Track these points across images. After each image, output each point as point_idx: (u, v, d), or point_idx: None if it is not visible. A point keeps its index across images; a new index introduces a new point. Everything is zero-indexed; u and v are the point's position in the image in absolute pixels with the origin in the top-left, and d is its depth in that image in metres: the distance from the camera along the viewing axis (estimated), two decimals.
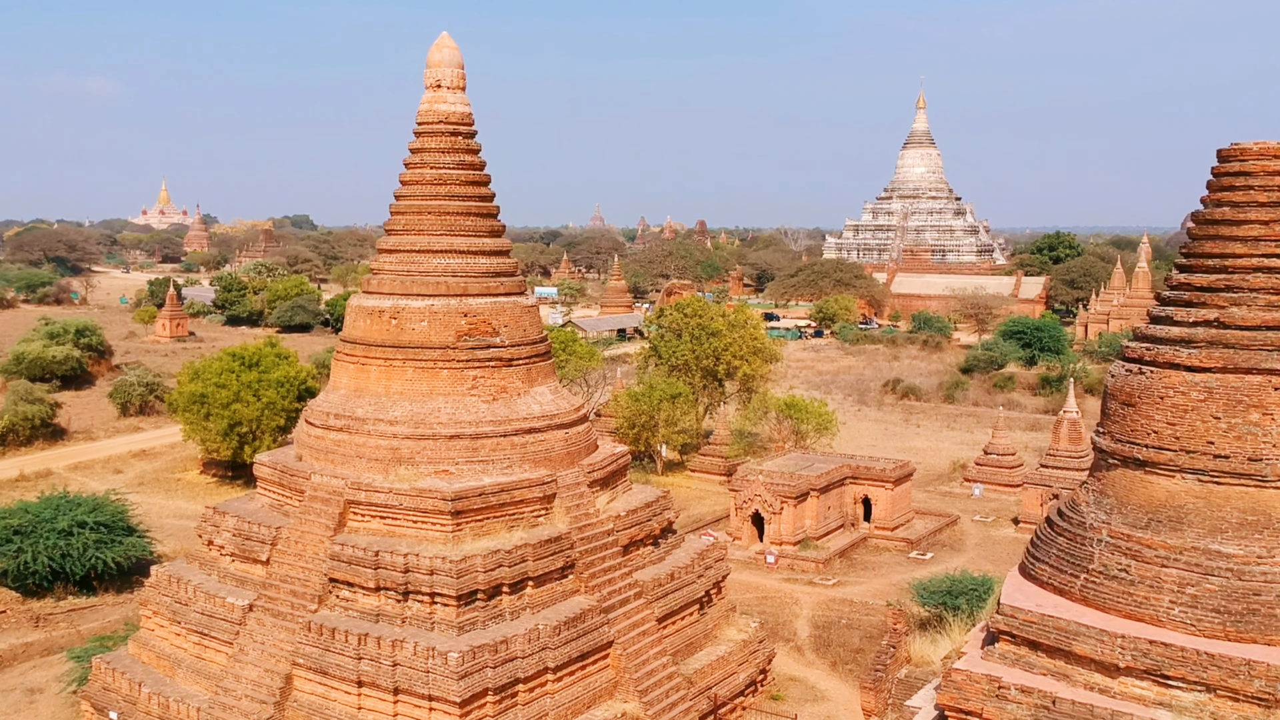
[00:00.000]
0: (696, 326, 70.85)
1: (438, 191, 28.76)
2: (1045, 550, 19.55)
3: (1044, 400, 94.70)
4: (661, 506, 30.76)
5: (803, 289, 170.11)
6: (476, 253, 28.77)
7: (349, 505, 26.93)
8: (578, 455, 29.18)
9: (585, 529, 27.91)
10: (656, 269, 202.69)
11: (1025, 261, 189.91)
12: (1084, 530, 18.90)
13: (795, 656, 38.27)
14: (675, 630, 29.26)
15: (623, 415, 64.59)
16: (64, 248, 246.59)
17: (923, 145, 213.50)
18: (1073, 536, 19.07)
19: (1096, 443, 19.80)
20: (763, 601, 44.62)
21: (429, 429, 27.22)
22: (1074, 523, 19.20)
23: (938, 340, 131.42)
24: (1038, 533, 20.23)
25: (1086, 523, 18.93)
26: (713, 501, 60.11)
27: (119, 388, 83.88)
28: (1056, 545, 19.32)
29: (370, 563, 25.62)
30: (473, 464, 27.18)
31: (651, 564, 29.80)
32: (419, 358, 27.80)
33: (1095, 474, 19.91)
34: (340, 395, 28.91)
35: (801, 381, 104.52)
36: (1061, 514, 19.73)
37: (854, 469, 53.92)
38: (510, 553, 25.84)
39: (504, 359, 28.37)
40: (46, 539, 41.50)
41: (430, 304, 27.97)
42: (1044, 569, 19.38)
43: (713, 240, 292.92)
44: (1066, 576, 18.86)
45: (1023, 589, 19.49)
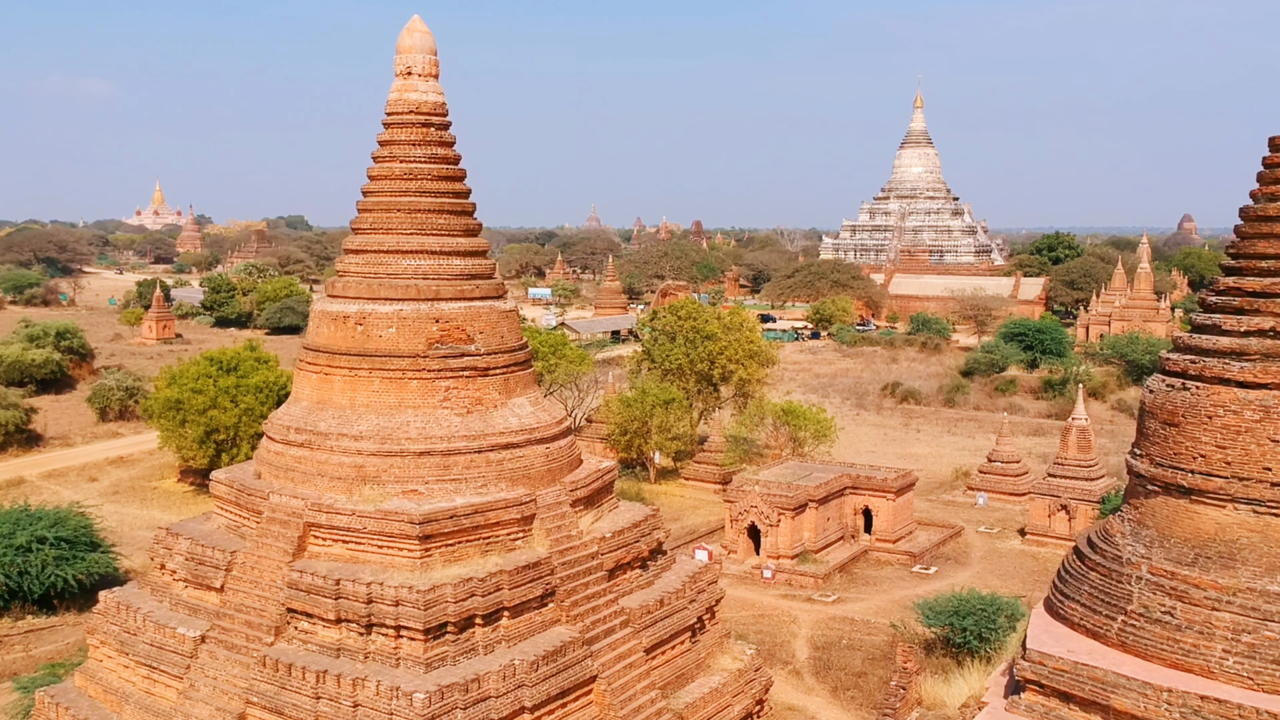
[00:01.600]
0: (691, 329, 68.71)
1: (408, 187, 26.60)
2: (1075, 586, 17.44)
3: (1047, 404, 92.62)
4: (650, 526, 28.58)
5: (799, 290, 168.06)
6: (450, 253, 26.60)
7: (309, 528, 24.76)
8: (560, 472, 27.01)
9: (567, 553, 25.74)
10: (652, 270, 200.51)
11: (1024, 262, 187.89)
12: (1120, 565, 16.80)
13: (794, 681, 36.12)
14: (665, 661, 27.09)
15: (614, 421, 62.45)
16: (55, 248, 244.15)
17: (920, 145, 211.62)
18: (1107, 572, 16.96)
19: (1133, 466, 17.72)
20: (759, 620, 42.48)
21: (397, 445, 25.04)
22: (1108, 556, 17.10)
23: (937, 342, 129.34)
24: (1066, 566, 18.13)
25: (1123, 557, 16.82)
26: (707, 511, 57.96)
27: (97, 392, 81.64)
28: (1088, 582, 17.21)
29: (330, 592, 23.44)
30: (444, 483, 25.00)
31: (639, 589, 27.62)
32: (387, 367, 25.63)
33: (1132, 501, 17.79)
34: (302, 408, 26.73)
35: (798, 385, 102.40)
36: (1093, 545, 17.62)
37: (854, 479, 51.78)
38: (484, 581, 23.66)
39: (479, 368, 26.20)
40: (3, 556, 39.33)
41: (399, 309, 25.80)
42: (1074, 608, 17.26)
43: (709, 241, 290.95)
44: (1101, 618, 16.76)
45: (1051, 630, 17.36)
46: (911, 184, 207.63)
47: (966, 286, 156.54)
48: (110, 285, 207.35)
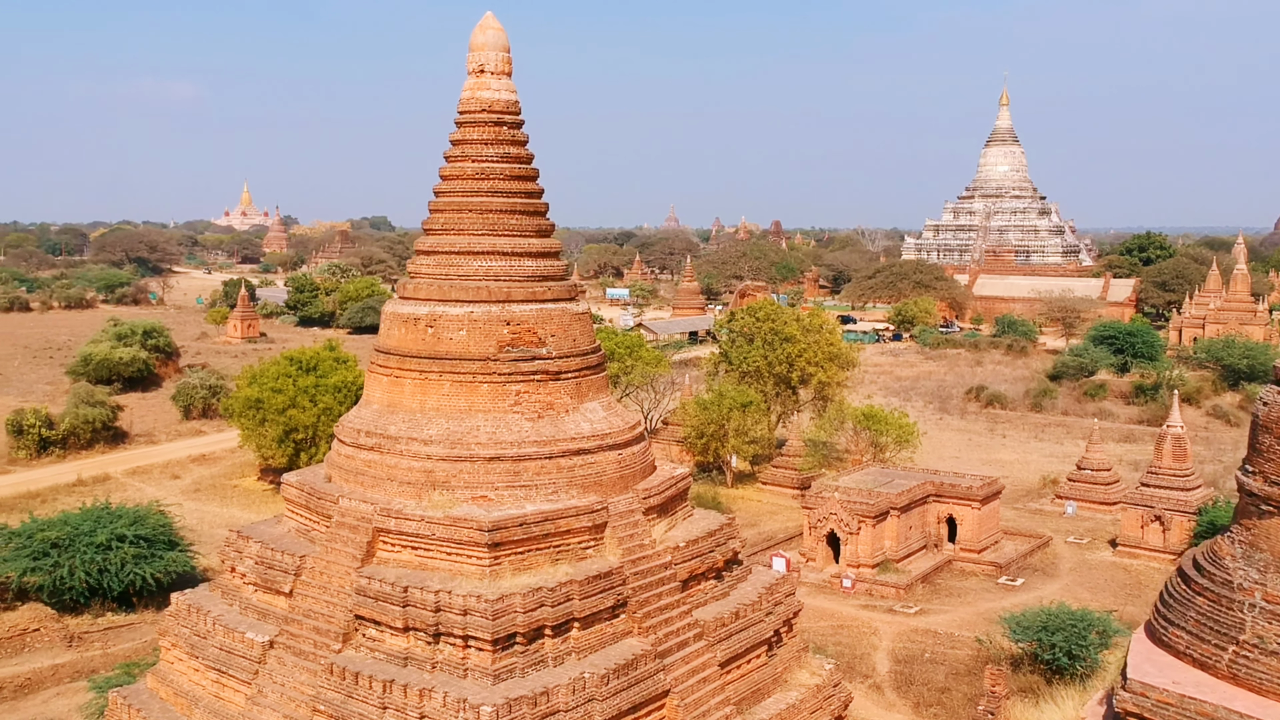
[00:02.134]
0: (769, 331, 67.62)
1: (480, 187, 26.06)
2: (1180, 612, 16.25)
3: (1138, 410, 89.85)
4: (726, 535, 27.72)
5: (880, 291, 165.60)
6: (521, 254, 26.01)
7: (378, 533, 24.34)
8: (632, 479, 26.28)
9: (639, 562, 25.00)
10: (730, 270, 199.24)
11: (1114, 263, 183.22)
12: (1231, 591, 15.61)
13: (874, 697, 35.01)
14: (740, 675, 26.21)
15: (691, 424, 61.67)
16: (145, 248, 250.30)
17: (1006, 143, 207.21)
18: (1216, 598, 15.77)
19: (1244, 484, 16.49)
20: (838, 631, 41.40)
21: (466, 450, 24.51)
22: (1217, 581, 15.89)
23: (1023, 345, 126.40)
24: (1169, 589, 16.94)
25: (1234, 582, 15.62)
26: (785, 517, 56.90)
27: (181, 390, 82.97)
28: (1195, 608, 16.01)
29: (398, 600, 22.98)
30: (514, 489, 24.41)
31: (714, 600, 26.78)
32: (457, 370, 25.12)
33: (1243, 522, 16.56)
34: (372, 411, 26.35)
35: (879, 388, 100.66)
36: (1200, 568, 16.42)
37: (937, 486, 50.37)
38: (554, 590, 23.01)
39: (551, 372, 25.57)
40: (84, 553, 39.77)
41: (470, 311, 25.27)
42: (1179, 635, 16.08)
43: (788, 241, 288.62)
44: (1210, 647, 15.57)
45: (1153, 659, 16.20)
46: (997, 183, 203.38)
47: (1054, 288, 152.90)
48: (198, 285, 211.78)
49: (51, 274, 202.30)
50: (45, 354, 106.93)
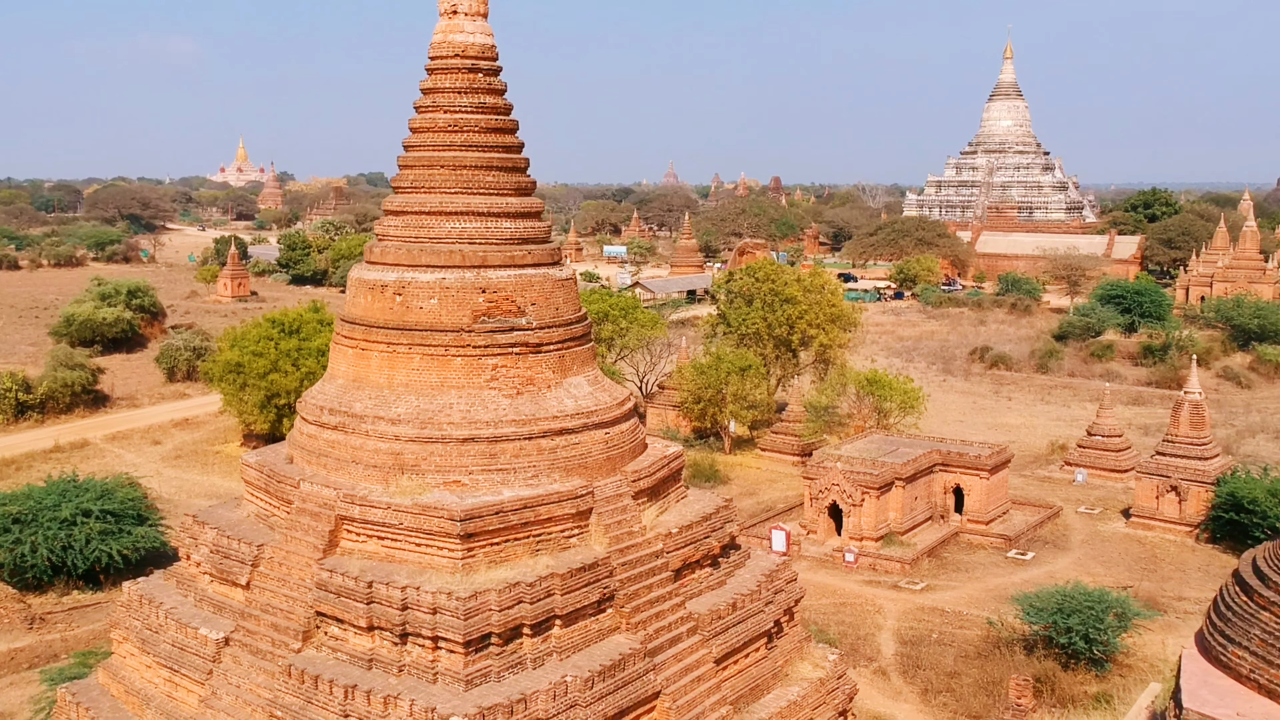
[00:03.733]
0: (769, 292, 65.31)
1: (452, 140, 23.71)
2: (1242, 629, 14.20)
3: (1146, 371, 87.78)
4: (723, 519, 25.63)
5: (882, 248, 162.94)
6: (499, 215, 23.71)
7: (342, 521, 22.23)
8: (620, 460, 24.14)
9: (628, 552, 22.92)
10: (729, 227, 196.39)
11: (1118, 220, 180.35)
12: None
13: (879, 683, 33.11)
14: (737, 672, 24.22)
15: (687, 389, 59.54)
16: (138, 205, 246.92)
17: (1009, 97, 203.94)
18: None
19: None
20: (840, 609, 39.50)
21: (438, 430, 22.35)
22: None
23: (1027, 303, 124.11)
24: (1227, 599, 14.88)
25: None
26: (785, 485, 54.92)
27: (165, 352, 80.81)
28: (1260, 625, 13.95)
29: (362, 596, 20.91)
30: (490, 473, 22.28)
31: (709, 590, 24.74)
32: (428, 342, 22.90)
33: None
34: (337, 386, 24.17)
35: (881, 348, 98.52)
36: (1263, 577, 14.35)
37: (944, 455, 48.33)
38: (533, 585, 20.93)
39: (531, 344, 23.36)
40: (47, 529, 37.80)
41: (441, 277, 23.02)
42: (1241, 657, 14.03)
43: (787, 197, 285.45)
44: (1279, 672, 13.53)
45: (1211, 682, 14.14)
46: (1000, 138, 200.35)
47: (1058, 245, 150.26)
48: (192, 242, 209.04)
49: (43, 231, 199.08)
50: (31, 314, 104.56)
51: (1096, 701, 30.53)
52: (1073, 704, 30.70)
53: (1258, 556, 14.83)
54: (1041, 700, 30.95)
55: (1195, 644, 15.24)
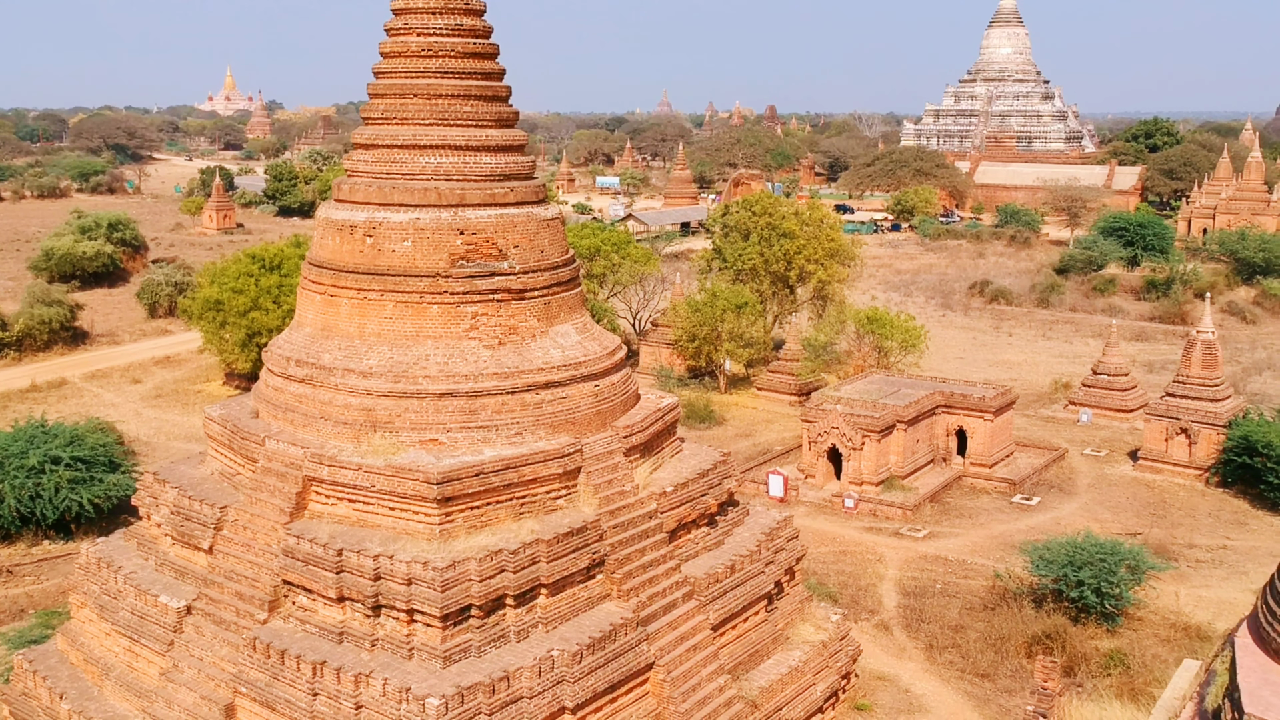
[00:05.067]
0: (765, 226, 63.22)
1: (426, 66, 21.73)
2: None
3: (1150, 306, 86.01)
4: (720, 475, 24.09)
5: (879, 179, 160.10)
6: (478, 148, 21.79)
7: (309, 483, 20.63)
8: (611, 414, 22.50)
9: (619, 513, 21.38)
10: (723, 158, 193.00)
11: (1119, 150, 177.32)
12: None
13: (882, 638, 31.77)
14: (736, 638, 22.85)
15: (682, 327, 57.75)
16: (124, 135, 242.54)
17: (1010, 23, 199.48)
18: None
19: None
20: (840, 558, 38.14)
21: (413, 383, 20.66)
22: None
23: (1026, 235, 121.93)
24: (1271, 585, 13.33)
25: None
26: (782, 426, 53.39)
27: (146, 287, 78.64)
28: None
29: (332, 565, 19.37)
30: (470, 431, 20.63)
31: (706, 551, 23.27)
32: (401, 289, 21.13)
33: None
34: (304, 335, 22.41)
35: (878, 282, 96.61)
36: None
37: (947, 396, 46.72)
38: (516, 553, 19.40)
39: (514, 290, 21.59)
40: (14, 478, 36.16)
41: (416, 217, 21.17)
42: None
43: (783, 127, 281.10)
44: None
45: (1274, 682, 12.62)
46: (1000, 66, 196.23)
47: (1059, 176, 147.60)
48: (179, 173, 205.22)
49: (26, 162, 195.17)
50: (12, 247, 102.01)
51: (1110, 661, 29.21)
52: (1084, 661, 29.40)
53: None
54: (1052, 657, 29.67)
55: (1249, 630, 13.72)
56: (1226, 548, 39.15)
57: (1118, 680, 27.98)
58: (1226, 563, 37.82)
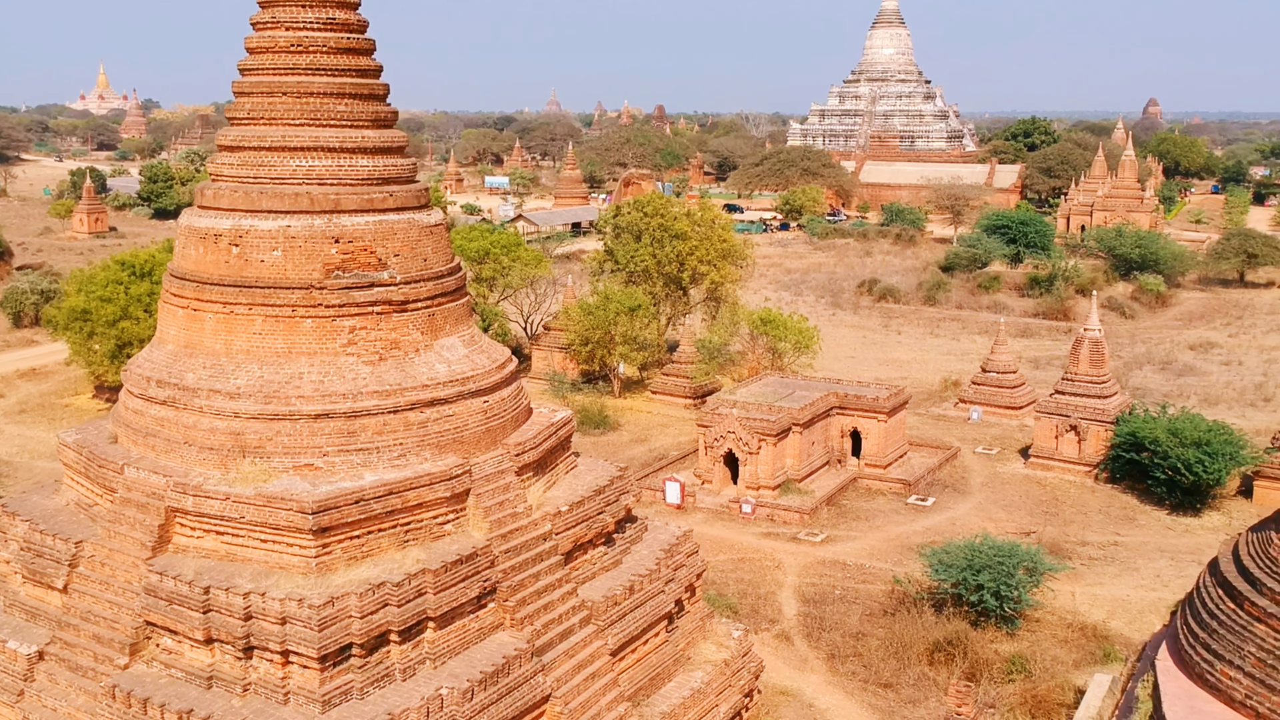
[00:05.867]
0: (657, 227, 62.50)
1: (296, 63, 20.27)
2: (1233, 644, 12.14)
3: (1033, 303, 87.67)
4: (618, 491, 23.07)
5: (768, 179, 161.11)
6: (353, 150, 20.40)
7: (173, 514, 19.02)
8: (502, 431, 21.31)
9: (512, 536, 20.21)
10: (613, 157, 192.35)
11: (999, 148, 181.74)
12: None
13: (783, 651, 31.13)
14: (636, 662, 21.86)
15: (575, 330, 56.64)
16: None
17: (892, 24, 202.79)
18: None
19: None
20: (739, 566, 37.49)
21: (285, 404, 19.20)
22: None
23: (911, 234, 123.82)
24: (1206, 603, 12.84)
25: None
26: (677, 430, 52.65)
27: (10, 295, 74.63)
28: (1256, 640, 11.89)
29: (198, 604, 17.83)
30: (349, 454, 19.26)
31: (603, 573, 22.24)
32: (271, 301, 19.64)
33: None
34: (167, 353, 20.74)
35: (769, 281, 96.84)
36: (1255, 581, 12.28)
37: (841, 398, 46.49)
38: (401, 585, 18.11)
39: (395, 301, 20.26)
40: None
41: (286, 224, 19.70)
42: (1234, 679, 11.97)
43: (671, 126, 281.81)
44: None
45: (1198, 708, 12.06)
46: (883, 66, 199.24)
47: (942, 174, 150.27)
48: (48, 174, 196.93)
49: None
50: None
51: (1012, 666, 29.01)
52: (987, 667, 29.15)
53: (1241, 553, 12.79)
54: (954, 666, 29.38)
55: (1169, 652, 13.21)
56: (1117, 544, 39.53)
57: (1021, 687, 27.74)
58: (1118, 559, 38.15)
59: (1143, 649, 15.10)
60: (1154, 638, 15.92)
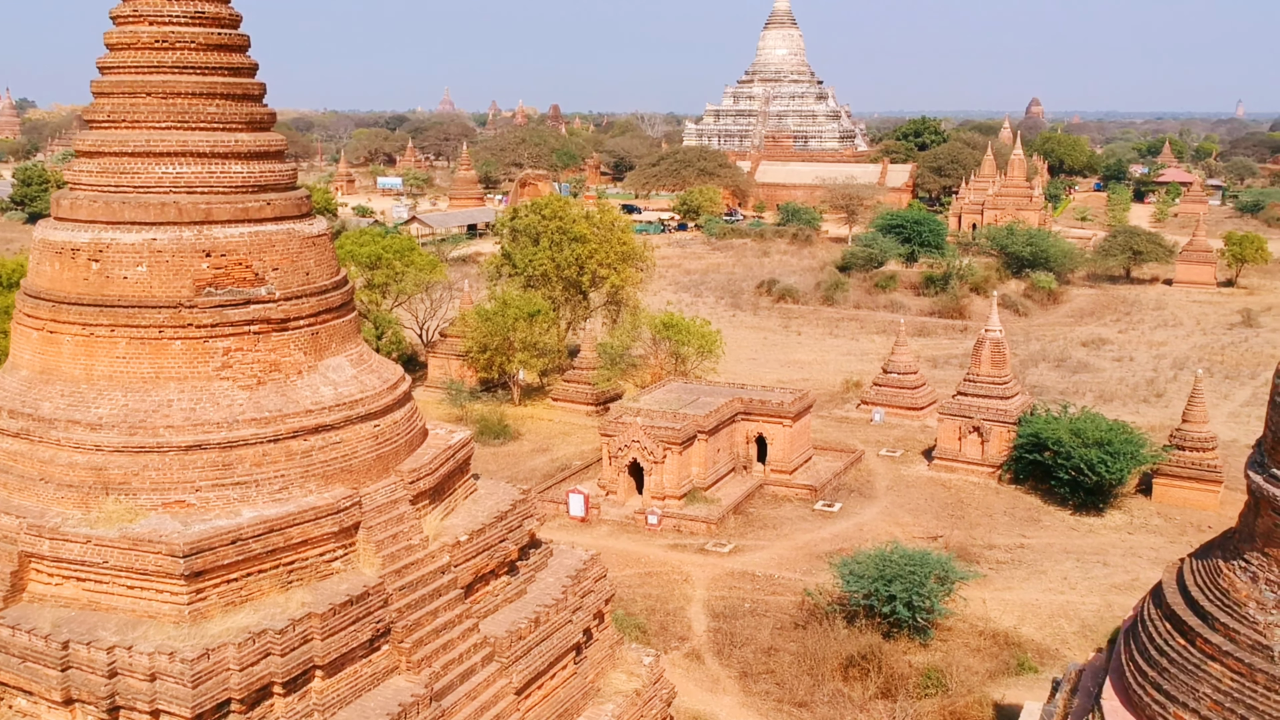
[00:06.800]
0: (556, 230, 61.16)
1: (161, 60, 18.50)
2: (1184, 684, 11.37)
3: (929, 301, 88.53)
4: (521, 516, 21.71)
5: (664, 179, 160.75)
6: (226, 155, 18.70)
7: (27, 559, 17.16)
8: (395, 457, 19.80)
9: (407, 571, 18.74)
10: (509, 157, 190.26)
11: (890, 148, 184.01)
12: (1271, 661, 10.77)
13: (695, 670, 30.13)
14: (543, 698, 20.55)
15: (472, 337, 55.02)
16: None
17: (784, 25, 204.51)
18: (1246, 671, 10.90)
19: (1259, 488, 11.62)
20: (646, 580, 36.45)
21: (153, 435, 17.46)
22: (1242, 640, 11.04)
23: (808, 234, 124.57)
24: (1152, 637, 12.06)
25: (1276, 650, 10.78)
26: (580, 439, 51.43)
27: None
28: (1210, 679, 11.13)
29: (56, 660, 16.04)
30: (224, 489, 17.59)
31: (507, 604, 20.88)
32: (136, 322, 17.87)
33: (1272, 551, 11.68)
34: (19, 379, 18.80)
35: (669, 283, 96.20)
36: (1206, 616, 11.54)
37: (746, 403, 45.79)
38: (284, 632, 16.54)
39: (274, 320, 18.62)
40: None
41: (151, 237, 17.95)
42: None
43: (567, 126, 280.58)
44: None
45: None
46: (776, 67, 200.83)
47: (837, 174, 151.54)
48: None
49: None
50: None
51: (927, 680, 28.45)
52: (902, 682, 28.53)
53: (1188, 583, 12.04)
54: (868, 681, 28.68)
55: (1114, 689, 12.43)
56: (1024, 546, 39.44)
57: (939, 703, 27.16)
58: (1025, 562, 38.03)
59: (1077, 678, 14.43)
60: (1089, 667, 15.19)
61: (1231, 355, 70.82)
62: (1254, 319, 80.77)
